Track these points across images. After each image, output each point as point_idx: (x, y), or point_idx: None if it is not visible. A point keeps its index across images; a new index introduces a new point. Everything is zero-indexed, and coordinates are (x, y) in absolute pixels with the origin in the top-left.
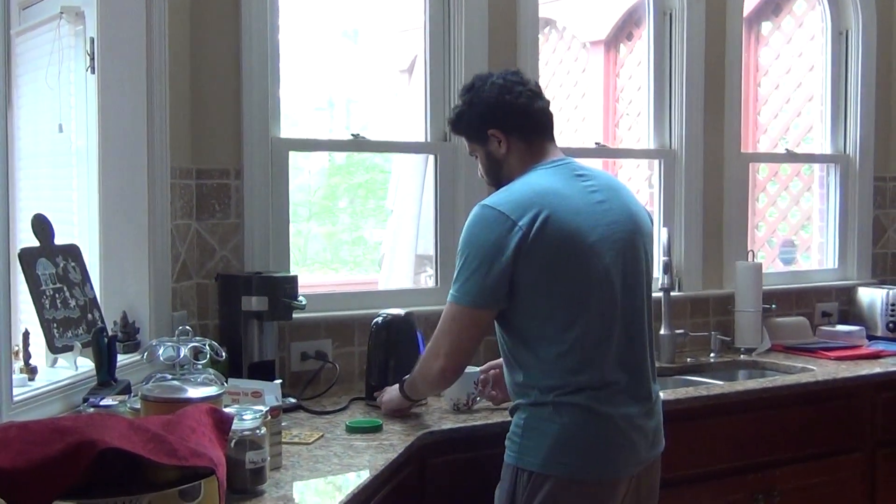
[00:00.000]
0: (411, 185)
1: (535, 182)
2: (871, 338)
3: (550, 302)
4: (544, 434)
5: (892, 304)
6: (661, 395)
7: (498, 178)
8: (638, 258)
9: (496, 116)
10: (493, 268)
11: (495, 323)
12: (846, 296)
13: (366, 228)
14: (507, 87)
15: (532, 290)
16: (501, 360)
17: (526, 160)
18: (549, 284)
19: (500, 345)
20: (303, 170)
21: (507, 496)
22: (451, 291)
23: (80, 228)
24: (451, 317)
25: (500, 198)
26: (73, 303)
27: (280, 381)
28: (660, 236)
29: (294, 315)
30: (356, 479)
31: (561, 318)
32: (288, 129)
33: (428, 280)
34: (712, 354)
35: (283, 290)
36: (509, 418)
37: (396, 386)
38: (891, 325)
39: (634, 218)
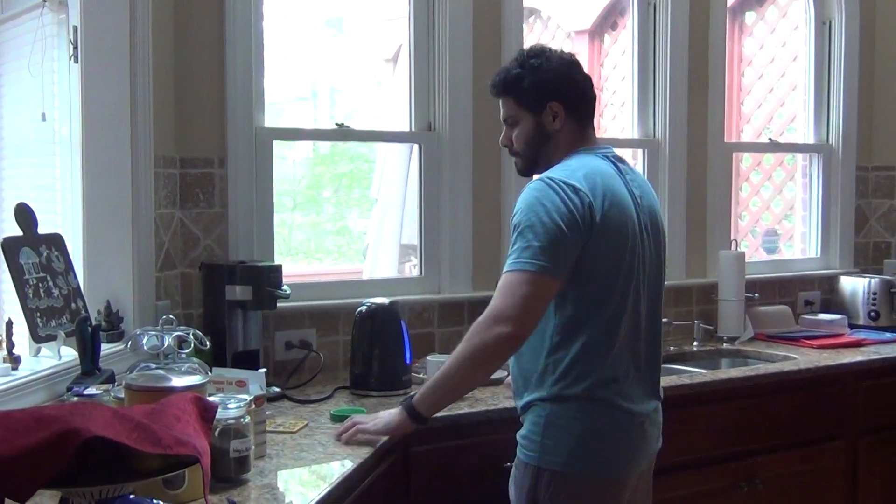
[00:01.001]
0: (396, 175)
1: (593, 165)
2: (853, 326)
3: (596, 288)
4: (568, 432)
5: (874, 293)
6: None
7: (539, 152)
8: (661, 259)
9: (563, 89)
10: (566, 235)
11: None
12: (828, 285)
13: (350, 218)
14: (577, 66)
15: (586, 272)
16: None
17: (574, 142)
18: (600, 270)
19: None
20: (287, 159)
21: (527, 497)
22: (511, 260)
23: (63, 218)
24: (518, 283)
25: (565, 174)
26: (56, 292)
27: (264, 370)
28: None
29: (278, 304)
30: (340, 467)
31: (601, 305)
32: (273, 118)
33: (412, 269)
34: (695, 343)
35: (267, 279)
36: (492, 407)
37: (391, 410)
38: (872, 313)
39: (660, 218)
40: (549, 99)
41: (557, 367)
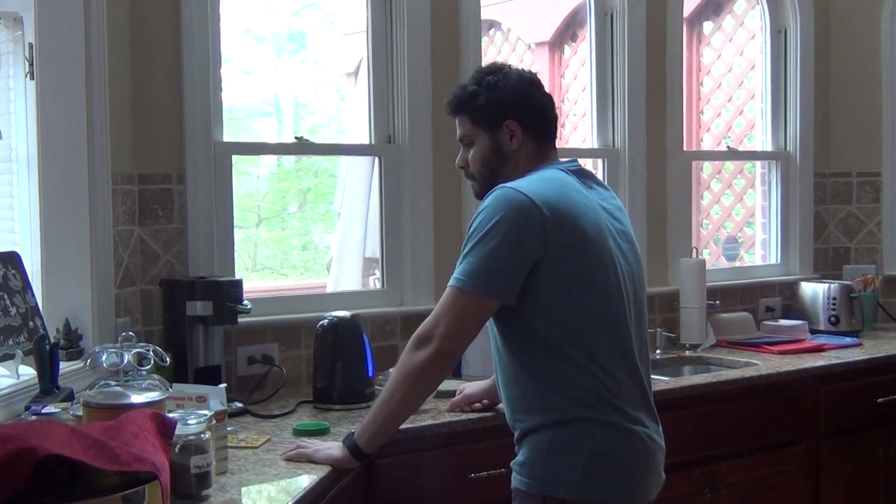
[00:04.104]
0: (358, 188)
1: (556, 178)
2: (813, 332)
3: (571, 304)
4: (574, 457)
5: (834, 298)
6: None
7: (496, 172)
8: (642, 271)
9: (520, 108)
10: (514, 253)
11: (499, 334)
12: (789, 291)
13: (316, 233)
14: (536, 84)
15: (556, 290)
16: (471, 387)
17: (533, 161)
18: (574, 287)
19: (506, 357)
20: (252, 175)
21: None
22: (455, 275)
23: (20, 236)
24: (449, 300)
25: (526, 186)
26: (13, 311)
27: (224, 385)
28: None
29: (240, 319)
30: (303, 481)
31: (583, 322)
32: (238, 134)
33: (376, 283)
34: (658, 351)
35: (227, 294)
36: (456, 417)
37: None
38: (833, 318)
39: (631, 233)
40: (506, 117)
41: (547, 390)
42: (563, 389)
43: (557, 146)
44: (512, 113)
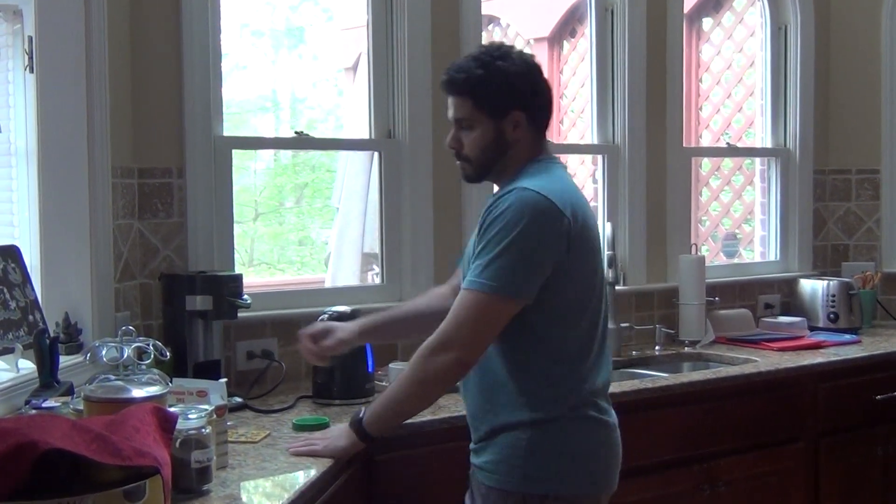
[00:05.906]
0: (357, 183)
1: (564, 178)
2: (812, 328)
3: (569, 306)
4: (554, 454)
5: (833, 295)
6: None
7: (494, 160)
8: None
9: (525, 96)
10: (538, 258)
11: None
12: (788, 288)
13: (313, 228)
14: (540, 71)
15: (565, 293)
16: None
17: (531, 151)
18: (581, 289)
19: (496, 355)
20: (249, 170)
21: None
22: (473, 278)
23: (20, 229)
24: (474, 305)
25: (547, 188)
26: (13, 304)
27: (225, 380)
28: (604, 230)
29: (239, 314)
30: (303, 477)
31: (573, 322)
32: (236, 129)
33: (375, 278)
34: (657, 347)
35: (227, 288)
36: (455, 414)
37: (342, 427)
38: (831, 315)
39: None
40: (512, 107)
41: (535, 387)
42: (551, 388)
43: (557, 142)
44: (518, 102)
